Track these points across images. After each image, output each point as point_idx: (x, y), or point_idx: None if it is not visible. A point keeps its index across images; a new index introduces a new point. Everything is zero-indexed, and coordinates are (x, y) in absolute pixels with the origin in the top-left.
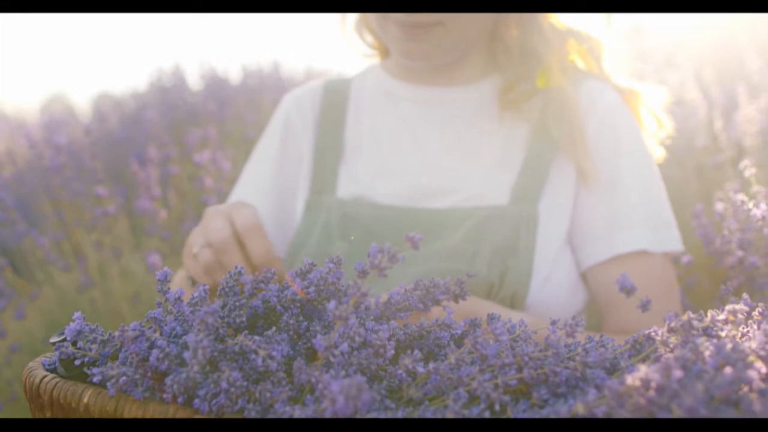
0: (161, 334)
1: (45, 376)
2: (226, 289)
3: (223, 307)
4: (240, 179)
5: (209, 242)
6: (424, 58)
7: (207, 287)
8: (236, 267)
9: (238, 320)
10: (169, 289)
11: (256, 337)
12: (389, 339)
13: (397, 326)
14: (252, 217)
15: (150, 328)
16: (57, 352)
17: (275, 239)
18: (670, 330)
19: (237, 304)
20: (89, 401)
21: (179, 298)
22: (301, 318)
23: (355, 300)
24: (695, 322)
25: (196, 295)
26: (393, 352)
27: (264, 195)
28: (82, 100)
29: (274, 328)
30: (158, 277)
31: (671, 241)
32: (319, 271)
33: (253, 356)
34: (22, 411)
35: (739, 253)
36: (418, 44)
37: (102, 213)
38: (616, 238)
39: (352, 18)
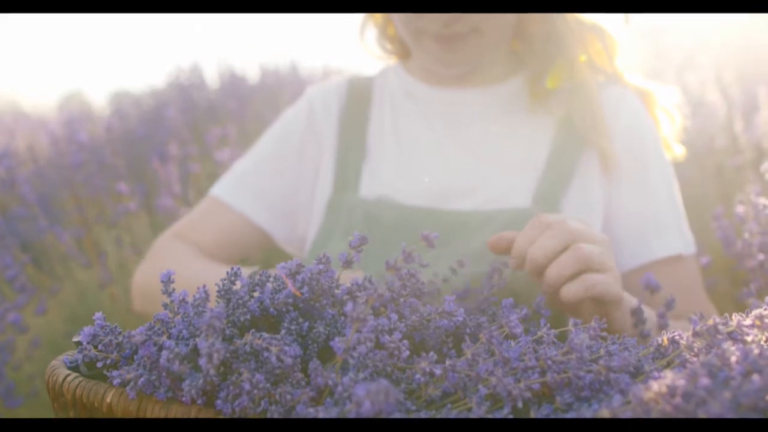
0: (169, 336)
1: (68, 375)
2: (222, 291)
3: (227, 304)
4: (249, 156)
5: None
6: (462, 65)
7: (207, 288)
8: (233, 268)
9: (242, 318)
10: (173, 290)
11: (265, 335)
12: (390, 332)
13: (396, 318)
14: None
15: (158, 329)
16: (80, 355)
17: (276, 224)
18: (695, 334)
19: (240, 302)
20: (112, 401)
21: (183, 299)
22: (300, 320)
23: (371, 301)
24: (721, 327)
25: (197, 296)
26: (408, 353)
27: (272, 177)
28: (99, 97)
29: (283, 331)
30: (162, 279)
31: (692, 243)
32: (309, 269)
33: (266, 354)
34: (42, 406)
35: (761, 256)
36: (456, 54)
37: (123, 210)
38: (655, 243)
39: (371, 32)
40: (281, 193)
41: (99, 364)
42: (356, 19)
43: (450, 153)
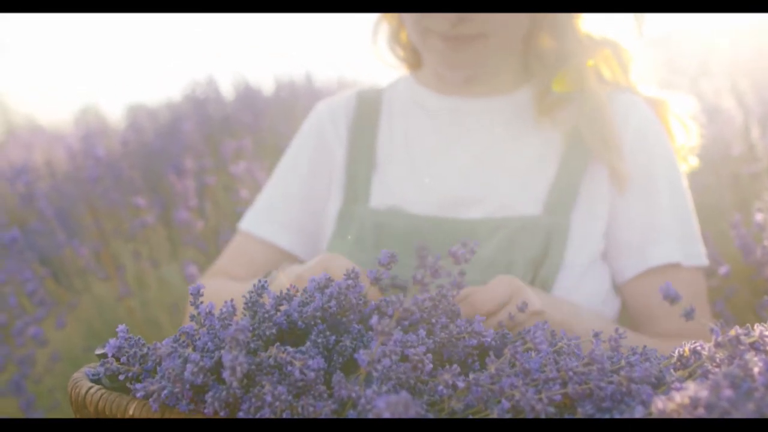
0: (194, 349)
1: (90, 388)
2: (250, 303)
3: (253, 318)
4: (269, 184)
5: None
6: (467, 68)
7: (234, 302)
8: (260, 281)
9: (268, 332)
10: (201, 303)
11: (290, 348)
12: (417, 346)
13: (425, 335)
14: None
15: (183, 342)
16: (102, 367)
17: (304, 247)
18: (717, 345)
19: (266, 315)
20: (134, 413)
21: (210, 312)
22: (328, 333)
23: (397, 314)
24: (743, 337)
25: (224, 309)
26: (431, 365)
27: (294, 202)
28: (115, 111)
29: (308, 343)
30: (191, 291)
31: (700, 255)
32: (338, 284)
33: (290, 368)
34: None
35: None
36: (461, 54)
37: (140, 223)
38: (650, 251)
39: (384, 34)
40: (304, 215)
41: (121, 377)
42: (370, 28)
43: (459, 161)
